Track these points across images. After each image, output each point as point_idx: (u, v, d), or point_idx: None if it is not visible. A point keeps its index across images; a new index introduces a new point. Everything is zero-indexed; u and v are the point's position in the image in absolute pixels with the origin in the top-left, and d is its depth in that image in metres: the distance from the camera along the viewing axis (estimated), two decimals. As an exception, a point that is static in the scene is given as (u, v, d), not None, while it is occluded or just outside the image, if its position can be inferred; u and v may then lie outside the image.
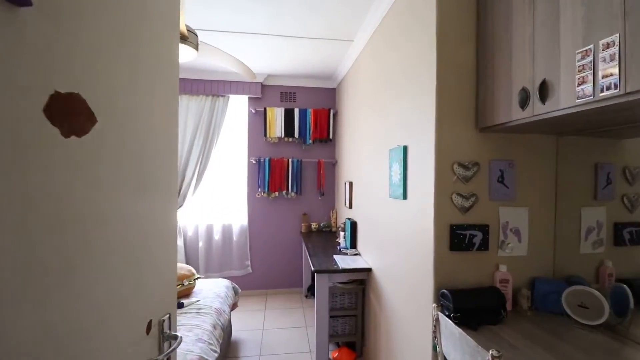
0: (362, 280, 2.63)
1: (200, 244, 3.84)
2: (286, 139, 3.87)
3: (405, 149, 1.81)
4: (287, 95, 3.99)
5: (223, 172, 3.94)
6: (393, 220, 2.00)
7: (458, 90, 1.49)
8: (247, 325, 3.15)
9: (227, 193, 3.95)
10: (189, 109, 3.75)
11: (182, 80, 3.67)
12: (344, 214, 3.52)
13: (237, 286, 2.92)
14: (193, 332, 1.97)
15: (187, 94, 3.72)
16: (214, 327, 2.13)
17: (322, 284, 2.42)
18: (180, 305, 2.27)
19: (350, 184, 3.18)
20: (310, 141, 3.88)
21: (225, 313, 2.44)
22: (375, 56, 2.42)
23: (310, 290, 3.82)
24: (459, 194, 1.48)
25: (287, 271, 4.00)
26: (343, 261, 2.56)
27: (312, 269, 2.42)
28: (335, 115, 3.97)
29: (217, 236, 3.88)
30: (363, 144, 2.76)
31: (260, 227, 3.96)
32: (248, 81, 3.80)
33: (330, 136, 3.90)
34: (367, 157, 2.63)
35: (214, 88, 3.74)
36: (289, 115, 3.84)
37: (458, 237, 1.48)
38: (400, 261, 1.89)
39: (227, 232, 3.92)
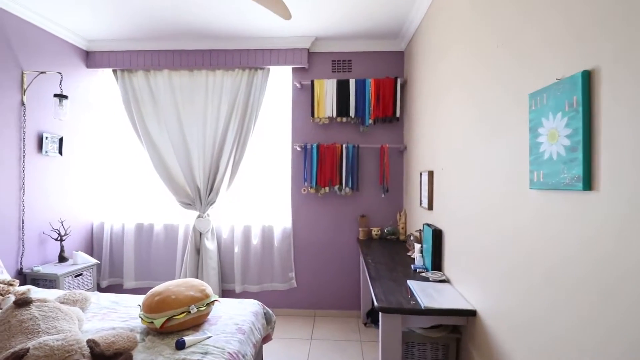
0: (455, 325, 1.65)
1: (236, 249, 3.17)
2: (339, 119, 3.00)
3: (585, 77, 0.82)
4: (341, 63, 3.13)
5: (262, 162, 3.23)
6: (543, 234, 1.01)
7: None
8: (285, 362, 2.36)
9: (267, 188, 3.23)
10: (224, 86, 3.11)
11: (215, 52, 3.05)
12: (418, 218, 2.54)
13: (270, 311, 2.15)
14: (183, 401, 1.23)
15: (220, 68, 3.09)
16: (221, 389, 1.36)
17: (392, 327, 1.51)
18: (180, 345, 1.55)
19: (430, 174, 2.20)
20: (371, 121, 2.96)
21: (247, 358, 1.67)
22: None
23: (371, 317, 2.90)
24: None
25: (341, 289, 3.13)
26: (424, 293, 1.61)
27: (376, 304, 1.53)
28: (403, 85, 2.99)
29: (255, 240, 3.18)
30: (458, 106, 1.77)
31: (306, 230, 3.16)
32: (292, 48, 3.03)
33: (397, 114, 2.93)
34: (467, 127, 1.64)
35: (252, 59, 3.05)
36: (342, 88, 2.97)
37: None
38: (574, 322, 0.90)
39: (267, 235, 3.19)
